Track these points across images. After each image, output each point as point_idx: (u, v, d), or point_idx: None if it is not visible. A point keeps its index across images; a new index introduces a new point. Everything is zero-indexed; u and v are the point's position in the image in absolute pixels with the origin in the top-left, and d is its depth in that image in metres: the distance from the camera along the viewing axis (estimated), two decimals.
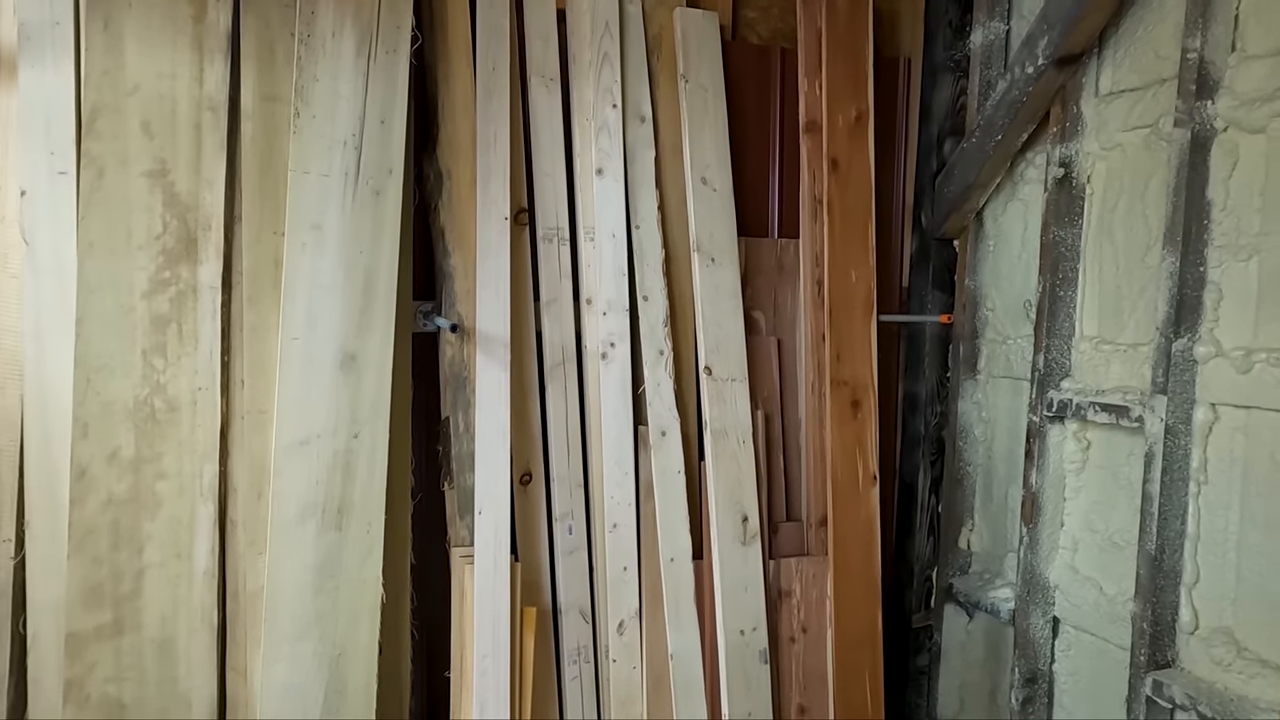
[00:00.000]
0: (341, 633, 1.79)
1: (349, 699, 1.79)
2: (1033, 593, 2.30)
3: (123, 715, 1.65)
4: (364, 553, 1.82)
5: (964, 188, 2.45)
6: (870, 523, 2.22)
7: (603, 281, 2.15)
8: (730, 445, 2.14)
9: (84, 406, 1.64)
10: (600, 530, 2.15)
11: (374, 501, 1.83)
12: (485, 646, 1.91)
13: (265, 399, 1.78)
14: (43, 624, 1.66)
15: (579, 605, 2.15)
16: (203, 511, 1.73)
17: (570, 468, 2.16)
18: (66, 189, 1.68)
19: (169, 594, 1.70)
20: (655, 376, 2.16)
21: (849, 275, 2.24)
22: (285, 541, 1.75)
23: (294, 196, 1.79)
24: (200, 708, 1.72)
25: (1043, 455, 2.28)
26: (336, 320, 1.81)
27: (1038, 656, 2.31)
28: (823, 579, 2.19)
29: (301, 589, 1.76)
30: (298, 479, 1.76)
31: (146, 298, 1.70)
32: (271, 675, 1.73)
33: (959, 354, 2.62)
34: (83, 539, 1.63)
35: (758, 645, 2.11)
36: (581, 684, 2.15)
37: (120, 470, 1.67)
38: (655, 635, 2.13)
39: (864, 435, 2.22)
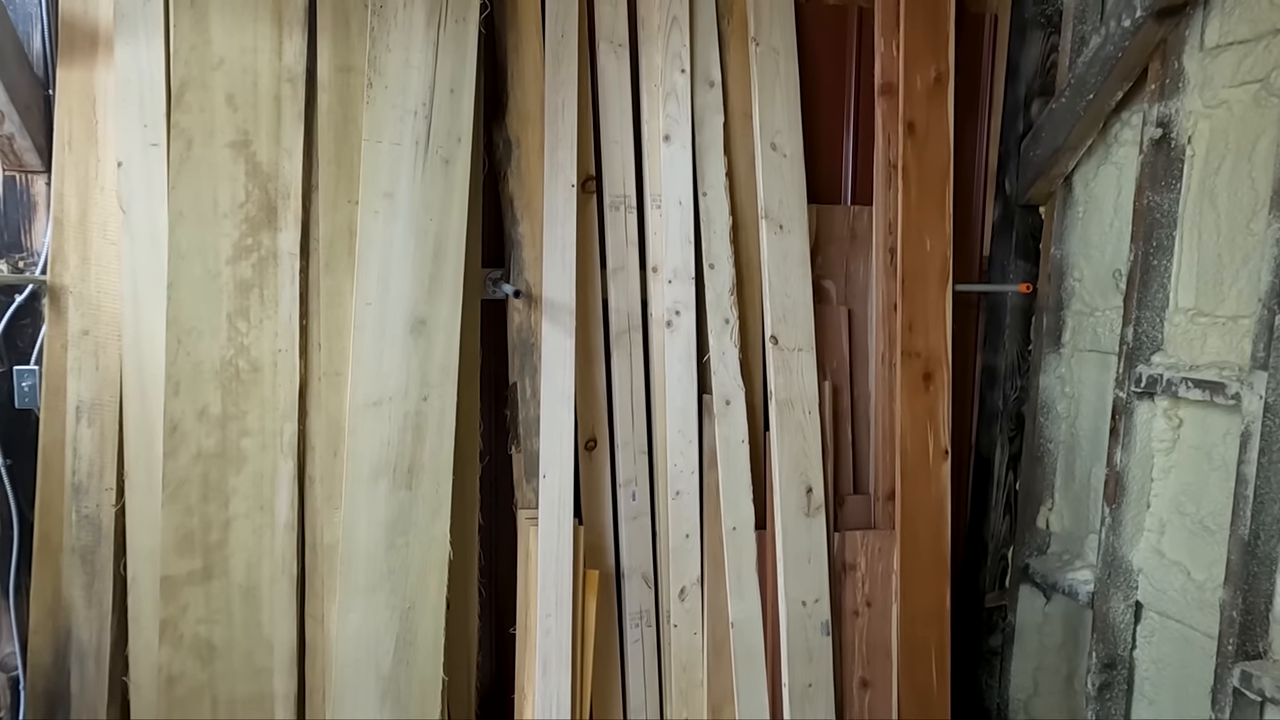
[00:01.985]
0: (411, 586, 1.86)
1: (418, 649, 1.87)
2: (1114, 576, 2.21)
3: (212, 655, 1.77)
4: (432, 511, 1.88)
5: (1052, 151, 2.33)
6: (940, 498, 2.16)
7: (669, 249, 2.14)
8: (796, 416, 2.12)
9: (175, 366, 1.74)
10: (663, 497, 2.16)
11: (442, 462, 1.89)
12: (549, 606, 1.96)
13: (340, 361, 1.86)
14: (141, 568, 1.78)
15: (642, 570, 2.18)
16: (283, 467, 1.82)
17: (634, 434, 2.18)
18: (158, 160, 1.77)
19: (253, 544, 1.80)
20: (720, 345, 2.14)
21: (923, 243, 2.16)
22: (359, 498, 1.83)
23: (367, 165, 1.84)
24: (281, 651, 1.82)
25: (1129, 433, 2.17)
26: (407, 286, 1.86)
27: (1117, 642, 2.22)
28: (889, 553, 2.15)
29: (374, 544, 1.84)
30: (371, 439, 1.84)
31: (231, 263, 1.79)
32: (346, 624, 1.82)
33: (1042, 326, 2.51)
34: (175, 490, 1.74)
35: (820, 617, 2.09)
36: (643, 647, 2.18)
37: (209, 426, 1.77)
38: (717, 602, 2.14)
39: (935, 408, 2.16)
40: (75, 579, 1.76)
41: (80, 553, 1.76)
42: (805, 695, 2.07)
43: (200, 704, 1.77)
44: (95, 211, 1.80)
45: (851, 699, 2.11)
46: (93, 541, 1.77)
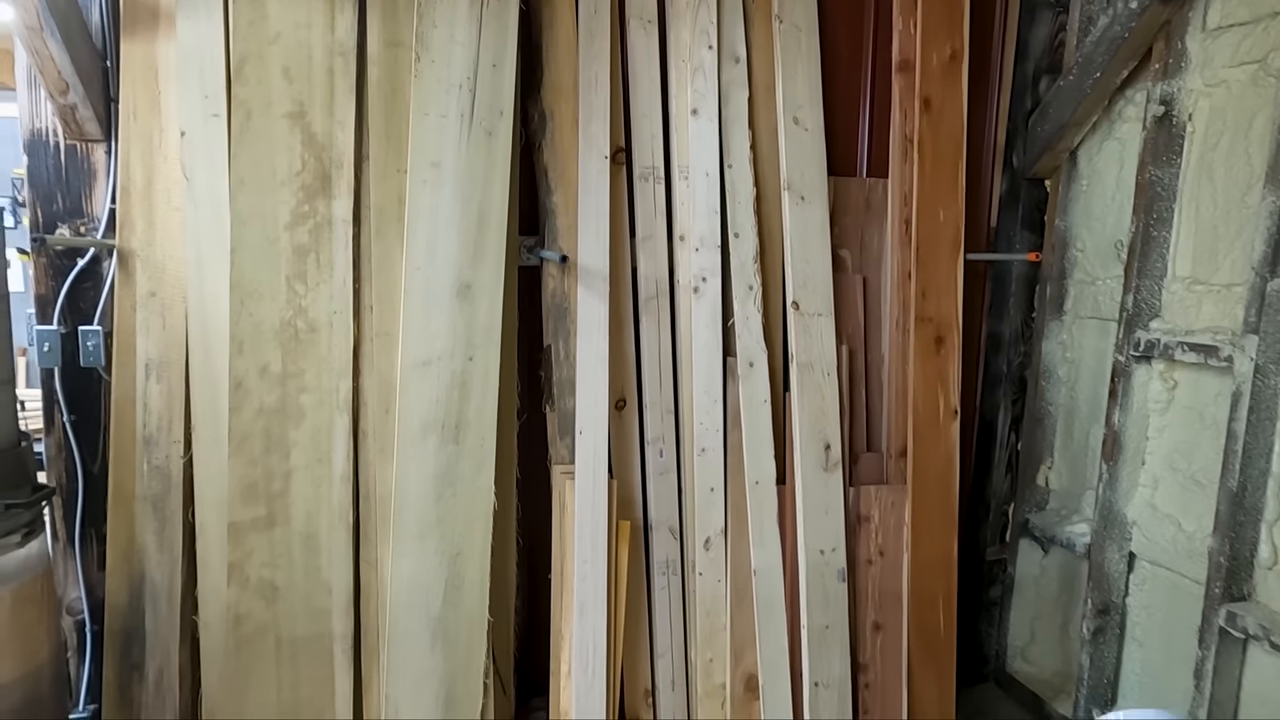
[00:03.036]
0: (459, 534, 1.99)
1: (465, 593, 2.00)
2: (1110, 528, 2.36)
3: (275, 596, 1.90)
4: (478, 465, 2.00)
5: (1059, 126, 2.44)
6: (949, 455, 2.30)
7: (696, 219, 2.25)
8: (815, 378, 2.24)
9: (239, 326, 1.85)
10: (689, 454, 2.29)
11: (487, 419, 2.01)
12: (585, 554, 2.09)
13: (391, 323, 1.96)
14: (208, 515, 1.90)
15: (668, 522, 2.31)
16: (339, 422, 1.94)
17: (662, 395, 2.30)
18: (219, 130, 1.86)
19: (312, 493, 1.92)
20: (745, 310, 2.26)
21: (937, 214, 2.28)
22: (410, 452, 1.94)
23: (415, 137, 1.93)
24: (339, 593, 1.95)
25: (1127, 395, 2.31)
26: (453, 252, 1.97)
27: (1111, 589, 2.37)
28: (901, 506, 2.29)
29: (424, 495, 1.96)
30: (420, 396, 1.95)
31: (289, 229, 1.88)
32: (399, 569, 1.95)
33: (1045, 294, 2.64)
34: (240, 443, 1.86)
35: (836, 565, 2.24)
36: (669, 594, 2.32)
37: (270, 383, 1.88)
38: (740, 552, 2.28)
39: (946, 371, 2.29)
40: (148, 525, 1.88)
41: (151, 501, 1.88)
42: (822, 637, 2.21)
43: (265, 641, 1.89)
44: (159, 179, 1.89)
45: (865, 641, 2.26)
46: (163, 490, 1.88)
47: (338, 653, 1.95)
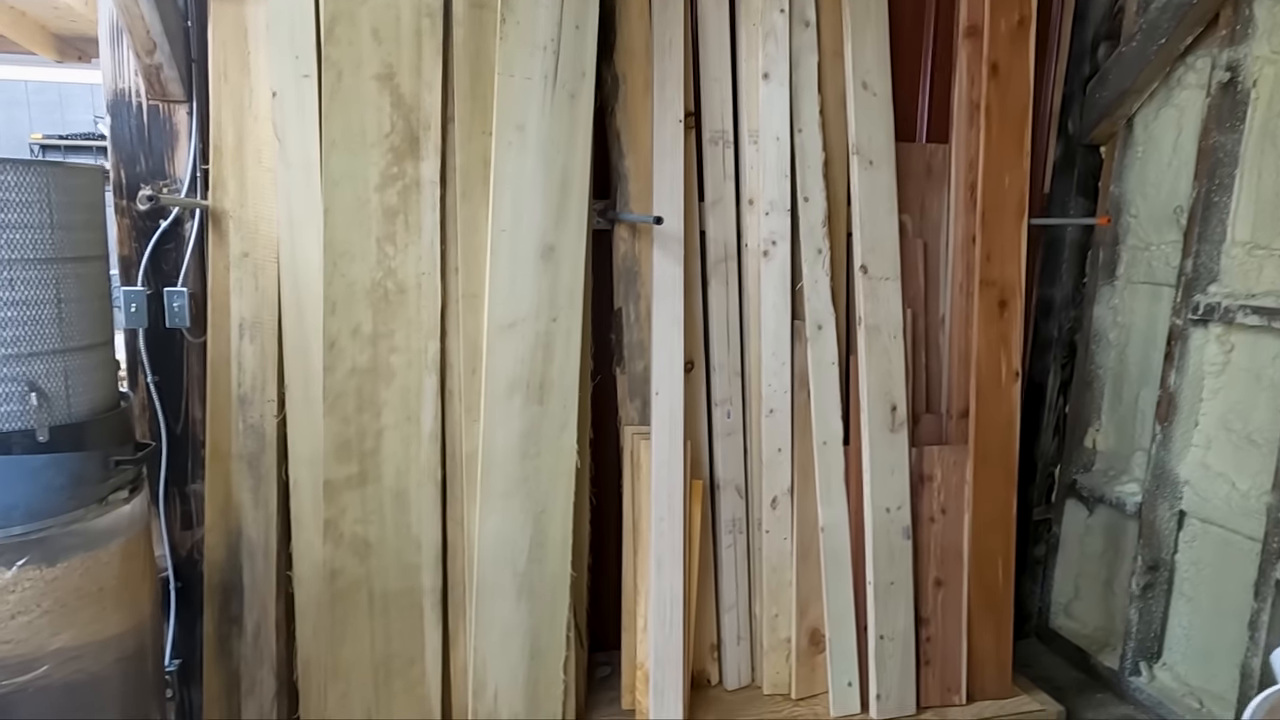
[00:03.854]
0: (543, 492, 2.03)
1: (549, 549, 2.05)
2: (1162, 487, 2.43)
3: (368, 552, 1.94)
4: (561, 424, 2.04)
5: (1119, 92, 2.47)
6: (1010, 416, 2.35)
7: (765, 183, 2.27)
8: (882, 340, 2.29)
9: (332, 287, 1.87)
10: (756, 415, 2.34)
11: (569, 379, 2.04)
12: (662, 511, 2.14)
13: (477, 285, 1.99)
14: (301, 473, 1.94)
15: (735, 482, 2.36)
16: (428, 382, 1.97)
17: (729, 357, 2.34)
18: (309, 91, 1.87)
19: (402, 452, 1.95)
20: (813, 274, 2.30)
21: (1002, 180, 2.31)
22: (497, 412, 1.98)
23: (500, 98, 1.94)
24: (428, 549, 2.00)
25: (1183, 357, 2.37)
26: (537, 214, 1.99)
27: (1161, 547, 2.45)
28: (962, 466, 2.35)
29: (510, 453, 2.00)
30: (506, 357, 1.98)
31: (379, 191, 1.90)
32: (486, 525, 1.99)
33: (1098, 260, 2.68)
34: (334, 402, 1.89)
35: (901, 522, 2.30)
36: (735, 552, 2.38)
37: (361, 344, 1.90)
38: (806, 510, 2.33)
39: (1009, 334, 2.33)
40: (243, 483, 1.91)
41: (247, 459, 1.91)
42: (888, 592, 2.28)
43: (358, 596, 1.94)
44: (250, 140, 1.90)
45: (927, 596, 2.33)
46: (257, 449, 1.91)
47: (427, 607, 2.00)
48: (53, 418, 1.60)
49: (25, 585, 1.57)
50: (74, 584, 1.63)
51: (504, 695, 2.03)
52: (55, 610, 1.60)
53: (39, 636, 1.59)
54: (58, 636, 1.61)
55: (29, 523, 1.57)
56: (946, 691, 2.35)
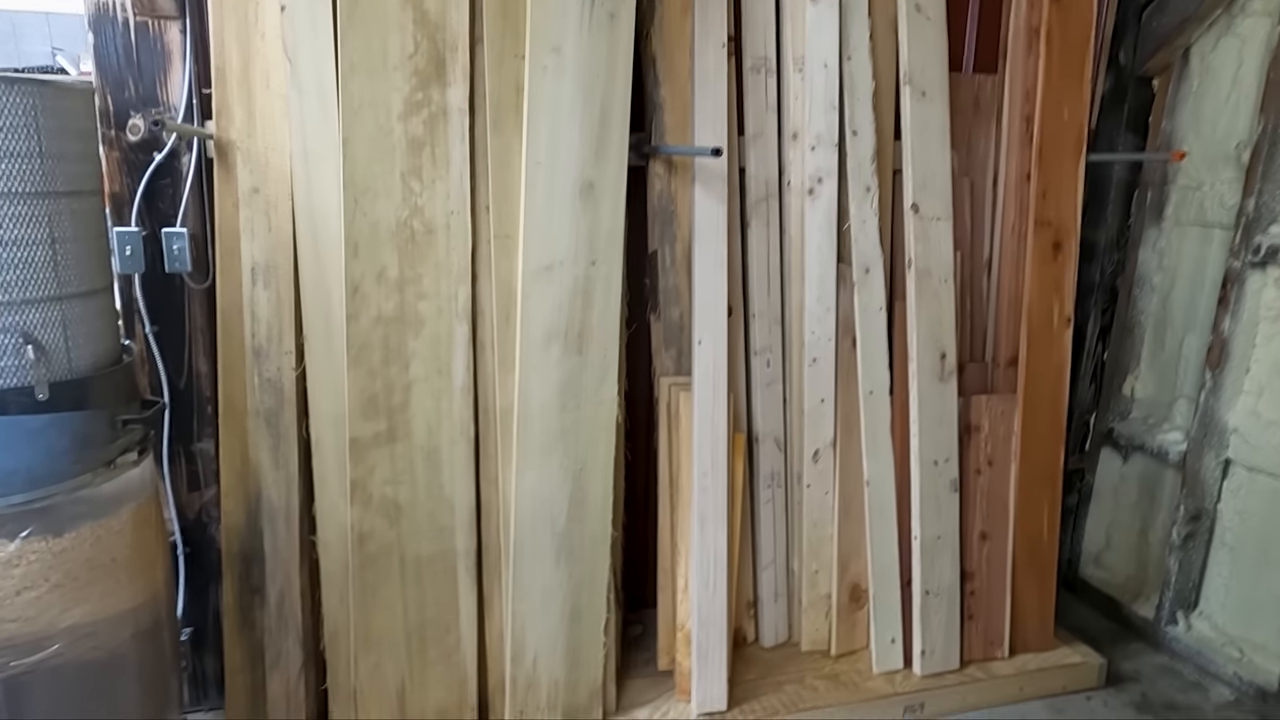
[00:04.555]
0: (583, 448, 1.90)
1: (589, 508, 1.93)
2: (1209, 435, 2.36)
3: (399, 514, 1.80)
4: (601, 375, 1.90)
5: (1179, 20, 2.33)
6: (1061, 364, 2.25)
7: (812, 114, 2.11)
8: (933, 284, 2.16)
9: (354, 227, 1.70)
10: (797, 365, 2.22)
11: (609, 327, 1.90)
12: (705, 466, 2.02)
13: (510, 225, 1.82)
14: (323, 431, 1.79)
15: (774, 435, 2.25)
16: (459, 331, 1.81)
17: (770, 303, 2.20)
18: (324, 6, 1.67)
19: (433, 407, 1.81)
20: (861, 214, 2.16)
21: (1062, 112, 2.17)
22: (533, 363, 1.83)
23: (534, 17, 1.76)
24: (462, 510, 1.87)
25: (1239, 301, 2.27)
26: (575, 147, 1.81)
27: (1205, 496, 2.39)
28: (1010, 416, 2.25)
29: (548, 407, 1.86)
30: (543, 303, 1.83)
31: (402, 119, 1.71)
32: (524, 484, 1.86)
33: (1145, 200, 2.57)
34: (359, 353, 1.73)
35: (949, 475, 2.20)
36: (774, 508, 2.28)
37: (387, 289, 1.74)
38: (849, 463, 2.23)
39: (1062, 277, 2.22)
40: (261, 442, 1.76)
41: (264, 416, 1.75)
42: (934, 546, 2.20)
43: (389, 560, 1.81)
44: (257, 61, 1.70)
45: (971, 549, 2.26)
46: (276, 405, 1.76)
47: (461, 571, 1.88)
48: (52, 373, 1.43)
49: (31, 558, 1.42)
50: (84, 555, 1.48)
51: (544, 660, 1.93)
52: (65, 584, 1.46)
53: (49, 613, 1.45)
54: (69, 613, 1.47)
55: (31, 490, 1.42)
56: (989, 645, 2.30)
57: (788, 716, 2.08)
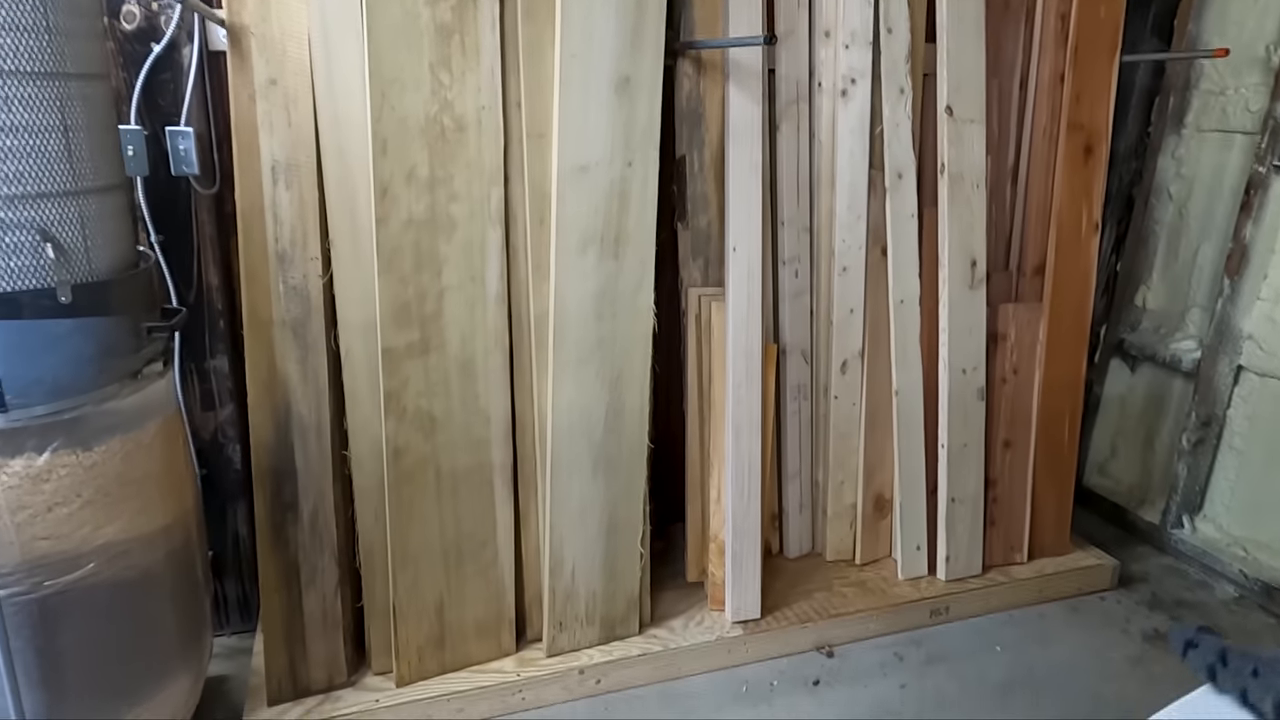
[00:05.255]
0: (619, 357, 1.85)
1: (626, 419, 1.89)
2: (1224, 342, 2.38)
3: (434, 427, 1.74)
4: (637, 282, 1.84)
5: None
6: (1088, 272, 2.24)
7: (846, 9, 2.02)
8: (965, 190, 2.12)
9: (381, 123, 1.58)
10: (826, 274, 2.17)
11: (645, 232, 1.82)
12: (739, 377, 1.98)
13: (543, 123, 1.72)
14: (353, 341, 1.70)
15: (801, 347, 2.22)
16: (492, 236, 1.72)
17: (799, 211, 2.15)
18: None
19: (466, 316, 1.73)
20: (895, 116, 2.09)
21: (1098, 9, 2.11)
22: (569, 269, 1.76)
23: None
24: (497, 423, 1.81)
25: (1262, 208, 2.27)
26: (611, 38, 1.71)
27: (1216, 402, 2.43)
28: (1036, 325, 2.24)
29: (584, 316, 1.80)
30: (579, 206, 1.75)
31: (430, 4, 1.59)
32: (560, 396, 1.81)
33: (1167, 106, 2.54)
34: (389, 258, 1.64)
35: (976, 383, 2.20)
36: (800, 420, 2.26)
37: (417, 190, 1.64)
38: (876, 374, 2.21)
39: (1092, 183, 2.19)
40: (289, 353, 1.67)
41: (291, 326, 1.66)
42: (961, 454, 2.21)
43: (425, 475, 1.75)
44: None
45: (995, 458, 2.27)
46: (302, 314, 1.66)
47: (498, 484, 1.83)
48: (72, 275, 1.32)
49: (61, 473, 1.34)
50: (115, 470, 1.40)
51: (582, 572, 1.91)
52: (97, 500, 1.38)
53: (82, 530, 1.37)
54: (102, 530, 1.40)
55: (58, 401, 1.33)
56: (1009, 550, 2.34)
57: (820, 622, 2.10)
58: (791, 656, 2.08)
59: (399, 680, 1.82)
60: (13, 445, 1.30)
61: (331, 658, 1.81)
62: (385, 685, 1.83)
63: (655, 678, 1.98)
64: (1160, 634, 2.20)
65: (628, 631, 2.00)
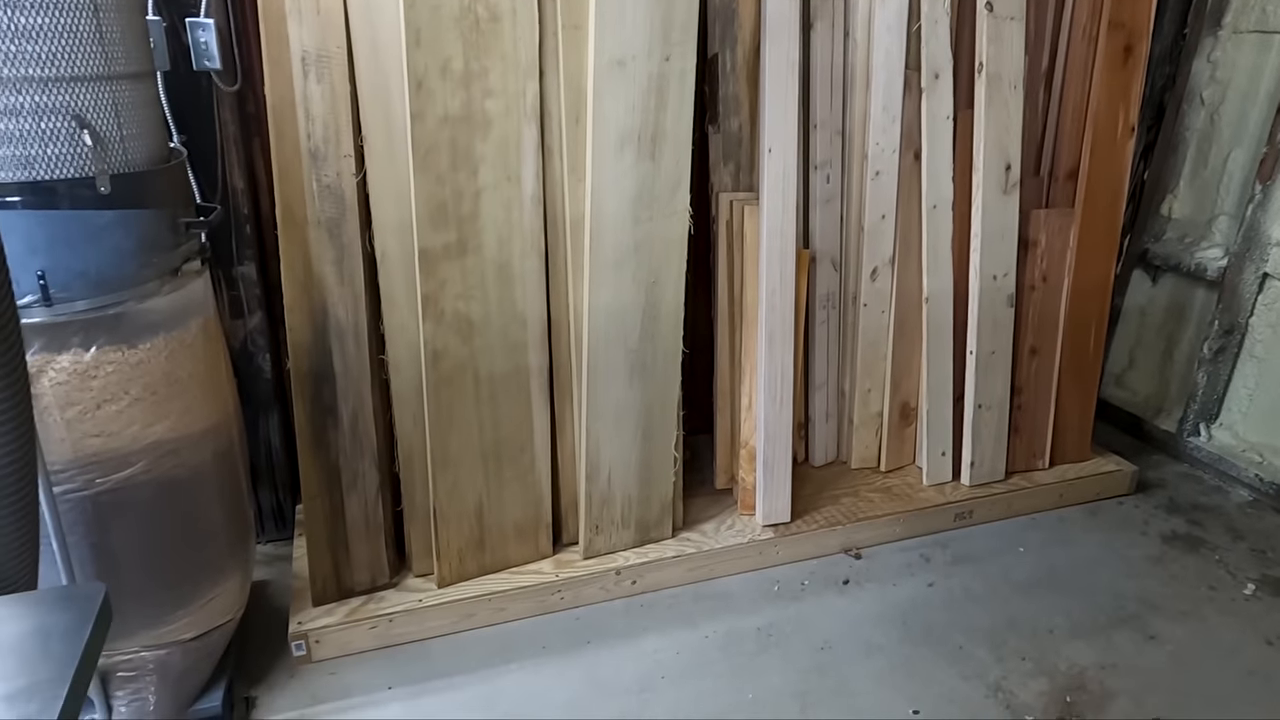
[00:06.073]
0: (656, 261, 1.82)
1: (661, 323, 1.87)
2: (1252, 249, 2.37)
3: (471, 331, 1.72)
4: (674, 183, 1.80)
5: None
6: (1121, 175, 2.21)
7: None
8: (1003, 90, 2.07)
9: (414, 11, 1.52)
10: (858, 179, 2.14)
11: (683, 130, 1.78)
12: (773, 283, 1.97)
13: (579, 13, 1.66)
14: (389, 242, 1.67)
15: (830, 254, 2.20)
16: (528, 133, 1.68)
17: (832, 114, 2.10)
18: None
19: (503, 216, 1.69)
20: (933, 13, 2.02)
21: None
22: (607, 169, 1.72)
23: None
24: (534, 326, 1.79)
25: None
26: None
27: (1239, 310, 2.44)
28: (1067, 231, 2.23)
29: (621, 218, 1.76)
30: (616, 102, 1.70)
31: None
32: (596, 299, 1.79)
33: (1204, 6, 2.47)
34: (425, 156, 1.59)
35: (1006, 290, 2.19)
36: (829, 328, 2.26)
37: (452, 85, 1.58)
38: (906, 281, 2.20)
39: (1130, 84, 2.14)
40: (325, 254, 1.64)
41: (326, 226, 1.62)
42: (989, 362, 2.21)
43: (464, 379, 1.74)
44: None
45: (1022, 364, 2.28)
46: (337, 214, 1.62)
47: (535, 389, 1.83)
48: (109, 164, 1.28)
49: (108, 369, 1.32)
50: (160, 368, 1.39)
51: (617, 476, 1.92)
52: (145, 398, 1.37)
53: (131, 429, 1.37)
54: (151, 429, 1.39)
55: (100, 295, 1.30)
56: (1031, 457, 2.37)
57: (848, 525, 2.14)
58: (821, 559, 2.12)
59: (440, 581, 1.85)
60: (59, 340, 1.28)
61: (374, 560, 1.83)
62: (427, 586, 1.86)
63: (689, 579, 2.02)
64: (1178, 535, 2.25)
65: (662, 535, 2.03)
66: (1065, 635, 1.88)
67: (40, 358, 1.27)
